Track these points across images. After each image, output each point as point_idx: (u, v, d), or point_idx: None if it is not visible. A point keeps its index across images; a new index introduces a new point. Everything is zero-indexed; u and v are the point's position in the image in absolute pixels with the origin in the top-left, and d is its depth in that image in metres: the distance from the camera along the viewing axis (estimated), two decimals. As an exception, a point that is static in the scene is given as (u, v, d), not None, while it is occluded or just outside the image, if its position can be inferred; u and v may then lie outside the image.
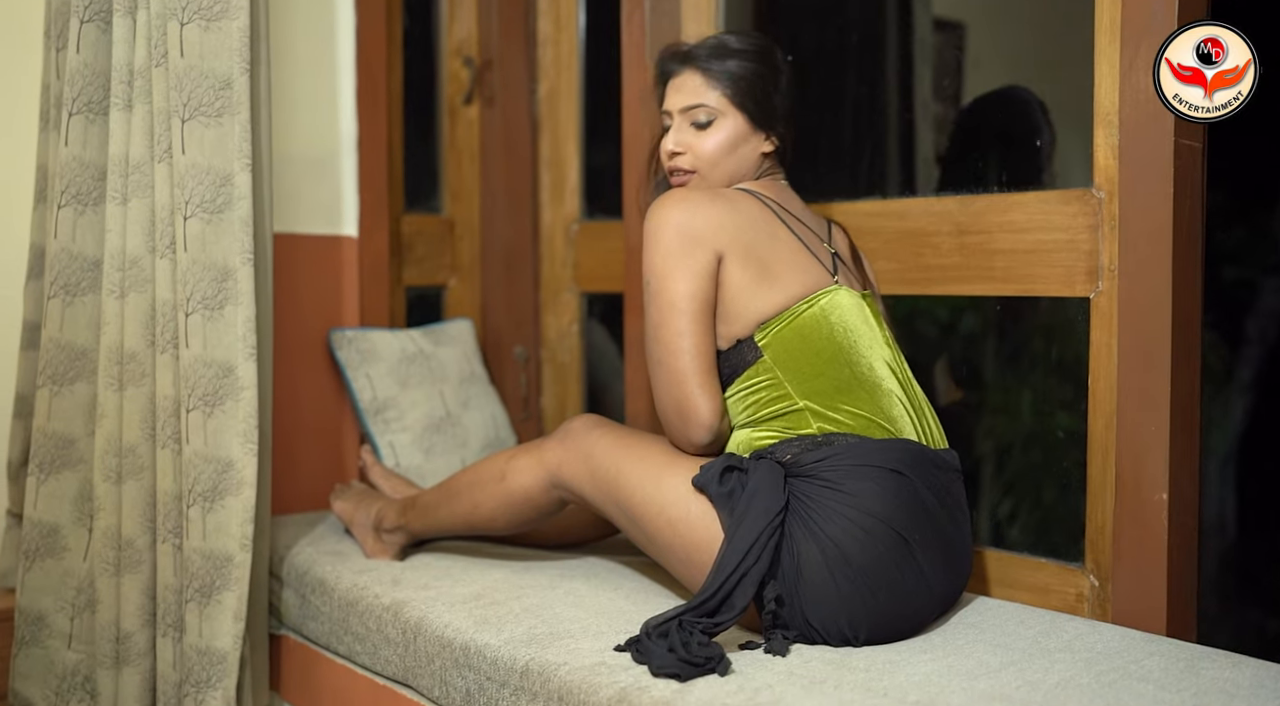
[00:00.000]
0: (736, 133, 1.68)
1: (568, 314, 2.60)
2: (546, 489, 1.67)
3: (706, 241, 1.56)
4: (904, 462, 1.47)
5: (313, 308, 2.32)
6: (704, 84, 1.68)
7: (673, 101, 1.72)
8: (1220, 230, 1.96)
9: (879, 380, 1.55)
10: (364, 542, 1.95)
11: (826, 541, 1.42)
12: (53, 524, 1.90)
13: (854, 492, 1.44)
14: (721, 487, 1.47)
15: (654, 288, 1.58)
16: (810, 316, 1.56)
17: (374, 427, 2.29)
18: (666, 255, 1.57)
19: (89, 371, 1.90)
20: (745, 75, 1.68)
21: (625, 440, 1.62)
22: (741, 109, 1.68)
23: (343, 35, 2.33)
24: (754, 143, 1.70)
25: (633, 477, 1.56)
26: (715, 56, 1.69)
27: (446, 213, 2.63)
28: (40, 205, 2.02)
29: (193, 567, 1.78)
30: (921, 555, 1.45)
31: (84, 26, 1.85)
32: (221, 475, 1.78)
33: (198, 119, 1.78)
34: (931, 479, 1.49)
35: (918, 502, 1.46)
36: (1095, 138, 1.61)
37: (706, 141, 1.68)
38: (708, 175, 1.69)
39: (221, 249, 1.80)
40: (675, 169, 1.72)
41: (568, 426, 1.67)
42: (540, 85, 2.62)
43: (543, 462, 1.66)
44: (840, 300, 1.58)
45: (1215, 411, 2.16)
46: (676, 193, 1.62)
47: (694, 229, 1.56)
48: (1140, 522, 1.55)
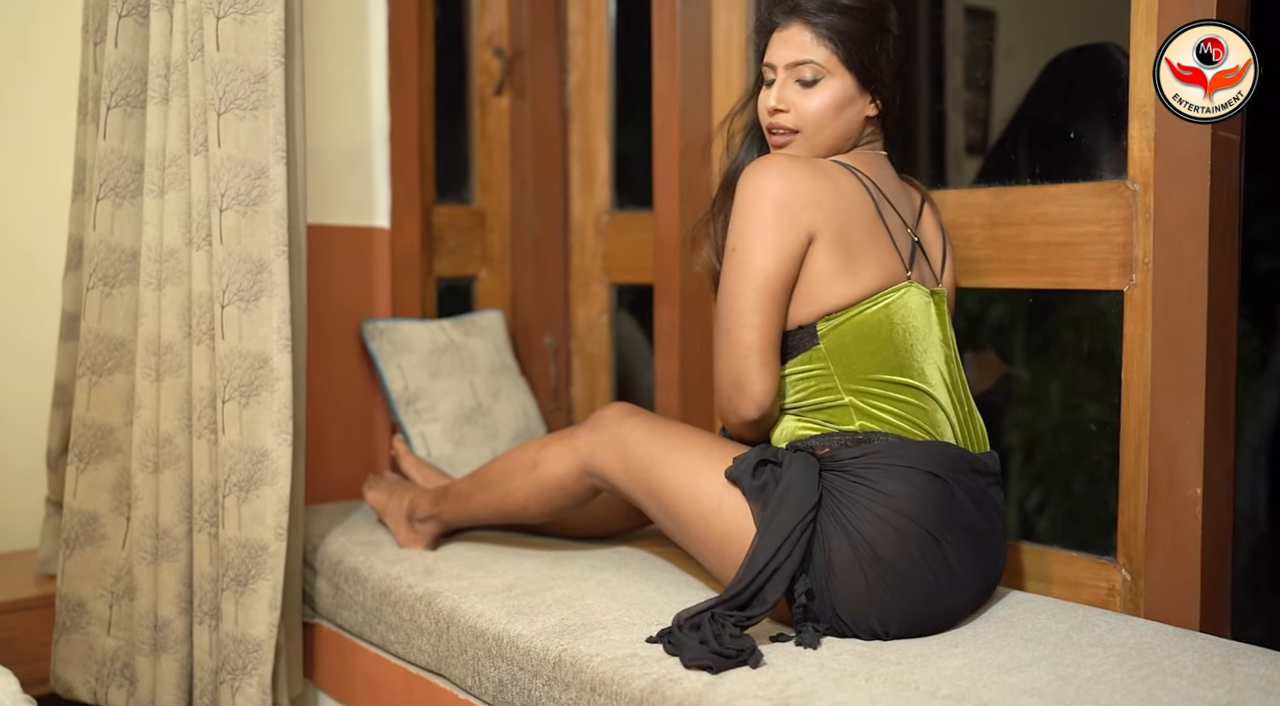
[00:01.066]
0: (844, 94, 1.60)
1: (597, 305, 2.61)
2: (579, 476, 1.67)
3: (801, 221, 1.52)
4: (942, 465, 1.47)
5: (345, 299, 2.34)
6: (813, 39, 1.59)
7: (778, 55, 1.62)
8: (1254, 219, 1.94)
9: (929, 386, 1.54)
10: (397, 532, 1.96)
11: (858, 538, 1.43)
12: (92, 512, 1.93)
13: (888, 492, 1.44)
14: (754, 481, 1.48)
15: (739, 255, 1.54)
16: (873, 315, 1.54)
17: (405, 418, 2.30)
18: (759, 227, 1.52)
19: (127, 362, 1.92)
20: (855, 34, 1.59)
21: (659, 429, 1.62)
22: (850, 68, 1.59)
23: (374, 27, 2.35)
24: (859, 105, 1.62)
25: (667, 468, 1.56)
26: (825, 10, 1.59)
27: (477, 204, 2.64)
28: (78, 197, 2.04)
29: (228, 556, 1.80)
30: (954, 555, 1.45)
31: (122, 21, 1.87)
32: (256, 465, 1.80)
33: (233, 112, 1.79)
34: (968, 482, 1.49)
35: (952, 504, 1.46)
36: (1130, 129, 1.60)
37: (812, 100, 1.60)
38: (811, 137, 1.61)
39: (257, 241, 1.81)
40: (776, 127, 1.63)
41: (600, 414, 1.68)
42: (570, 76, 2.62)
43: (575, 450, 1.66)
44: (908, 301, 1.56)
45: (1248, 402, 2.14)
46: (779, 160, 1.56)
47: (792, 204, 1.52)
48: (1174, 517, 1.54)
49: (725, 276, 1.56)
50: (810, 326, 1.56)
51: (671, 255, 2.24)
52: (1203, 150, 1.50)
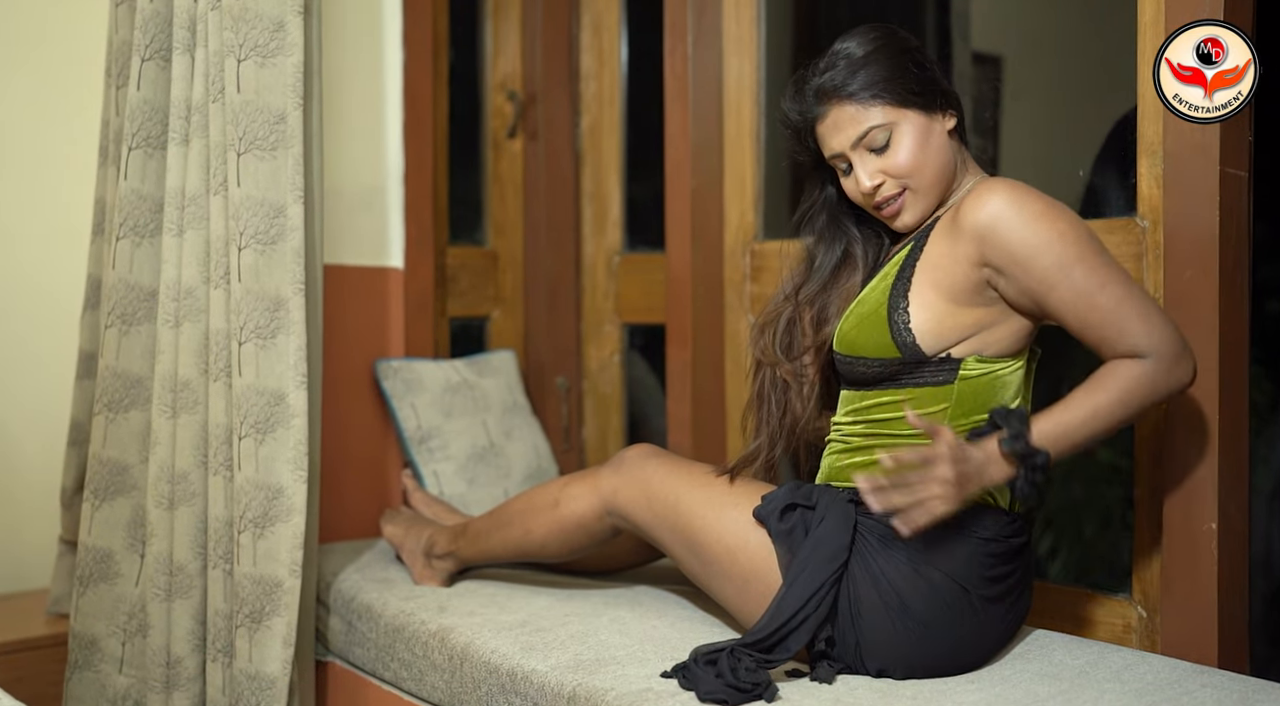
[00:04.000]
0: (919, 129, 1.51)
1: (609, 345, 2.62)
2: (600, 516, 1.67)
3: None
4: (987, 530, 1.44)
5: (359, 338, 2.36)
6: (858, 108, 1.51)
7: (838, 142, 1.54)
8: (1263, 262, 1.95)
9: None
10: (413, 568, 1.96)
11: (887, 588, 1.42)
12: (106, 549, 1.93)
13: (925, 543, 1.41)
14: (782, 524, 1.48)
15: (1077, 234, 1.41)
16: (1013, 376, 1.48)
17: (418, 457, 2.31)
18: (1062, 211, 1.42)
19: (144, 399, 1.94)
20: (888, 74, 1.51)
21: (683, 467, 1.62)
22: (908, 105, 1.51)
23: (390, 71, 2.38)
24: (938, 127, 1.52)
25: (692, 504, 1.56)
26: (852, 76, 1.51)
27: (490, 245, 2.66)
28: (97, 238, 2.07)
29: (243, 593, 1.80)
30: (983, 606, 1.44)
31: (145, 64, 1.91)
32: (272, 501, 1.81)
33: (252, 152, 1.82)
34: (1007, 538, 1.46)
35: (987, 561, 1.44)
36: (1139, 167, 1.62)
37: (898, 156, 1.51)
38: (919, 185, 1.52)
39: (274, 279, 1.83)
40: (884, 200, 1.53)
41: (623, 455, 1.68)
42: (583, 119, 2.66)
43: (598, 489, 1.67)
44: (1033, 366, 1.53)
45: (1261, 447, 2.13)
46: (1010, 181, 1.46)
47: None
48: (1189, 552, 1.54)
49: (1091, 273, 1.39)
50: (955, 363, 1.47)
51: (684, 295, 2.26)
52: (1211, 187, 1.52)
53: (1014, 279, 1.42)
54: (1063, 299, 1.41)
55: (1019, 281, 1.42)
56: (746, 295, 2.25)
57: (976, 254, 1.44)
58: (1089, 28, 1.91)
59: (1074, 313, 1.41)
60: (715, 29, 2.25)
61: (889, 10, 2.21)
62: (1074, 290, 1.40)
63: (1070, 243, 1.40)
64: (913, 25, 2.19)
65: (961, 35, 2.14)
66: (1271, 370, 2.18)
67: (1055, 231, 1.40)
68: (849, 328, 1.54)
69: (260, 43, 1.82)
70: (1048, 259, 1.40)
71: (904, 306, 1.49)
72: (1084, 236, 1.42)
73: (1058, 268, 1.40)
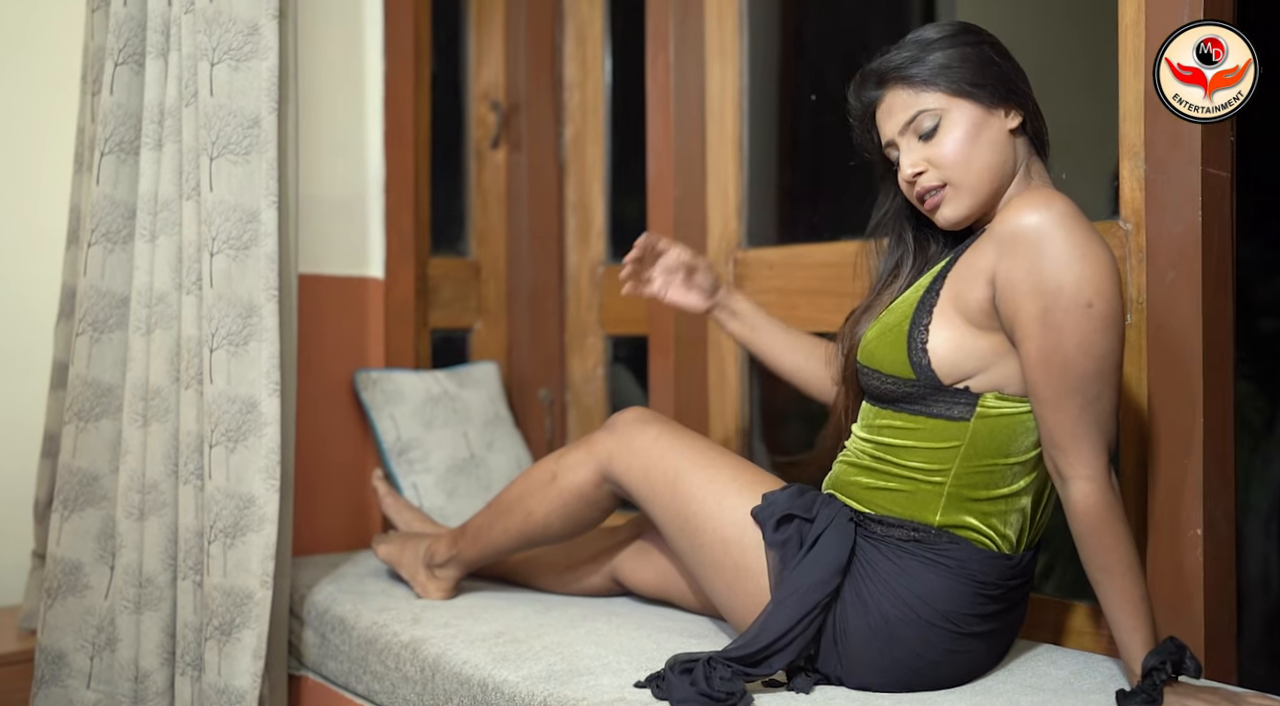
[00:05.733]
0: (971, 120, 1.39)
1: (593, 357, 2.60)
2: (598, 482, 1.63)
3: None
4: (986, 575, 1.38)
5: (338, 349, 2.33)
6: (913, 92, 1.42)
7: (889, 126, 1.45)
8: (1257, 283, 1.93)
9: (1022, 494, 1.40)
10: (415, 582, 1.89)
11: (877, 617, 1.37)
12: (75, 561, 1.90)
13: (920, 579, 1.37)
14: (777, 535, 1.43)
15: (1101, 311, 1.27)
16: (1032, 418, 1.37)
17: (397, 468, 2.28)
18: (1110, 271, 1.28)
19: (114, 408, 1.90)
20: (953, 61, 1.41)
21: (684, 441, 1.57)
22: (963, 95, 1.40)
23: (371, 79, 2.37)
24: (995, 123, 1.41)
25: (693, 485, 1.52)
26: (914, 59, 1.42)
27: (473, 256, 2.64)
28: (72, 246, 2.05)
29: (213, 605, 1.76)
30: (975, 637, 1.40)
31: (118, 69, 1.89)
32: (243, 511, 1.78)
33: (226, 157, 1.80)
34: (1006, 582, 1.41)
35: (983, 601, 1.39)
36: (1121, 170, 1.60)
37: (943, 145, 1.40)
38: (961, 181, 1.40)
39: (247, 285, 1.81)
40: (922, 191, 1.43)
41: (618, 418, 1.64)
42: (566, 129, 2.64)
43: (593, 454, 1.62)
44: None
45: (1257, 465, 2.11)
46: (1059, 199, 1.31)
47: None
48: (1175, 559, 1.51)
49: (1090, 336, 1.27)
50: (973, 396, 1.36)
51: (665, 305, 2.22)
52: (1194, 188, 1.50)
53: (1001, 302, 1.32)
54: (1029, 357, 1.30)
55: (1004, 306, 1.32)
56: (729, 304, 2.22)
57: (991, 266, 1.33)
58: (1071, 30, 1.90)
59: (1034, 376, 1.30)
60: (698, 37, 2.24)
61: (873, 16, 2.20)
62: (1046, 362, 1.29)
63: (1080, 305, 1.27)
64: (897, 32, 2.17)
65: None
66: (1265, 387, 2.15)
67: (1072, 277, 1.26)
68: (872, 336, 1.46)
69: (234, 46, 1.80)
70: (1042, 304, 1.28)
71: (925, 324, 1.39)
72: (1104, 313, 1.27)
73: (1043, 323, 1.28)
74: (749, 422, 2.26)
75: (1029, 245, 1.29)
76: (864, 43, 2.20)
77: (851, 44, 2.21)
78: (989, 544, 1.38)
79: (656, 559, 1.76)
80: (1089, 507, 1.30)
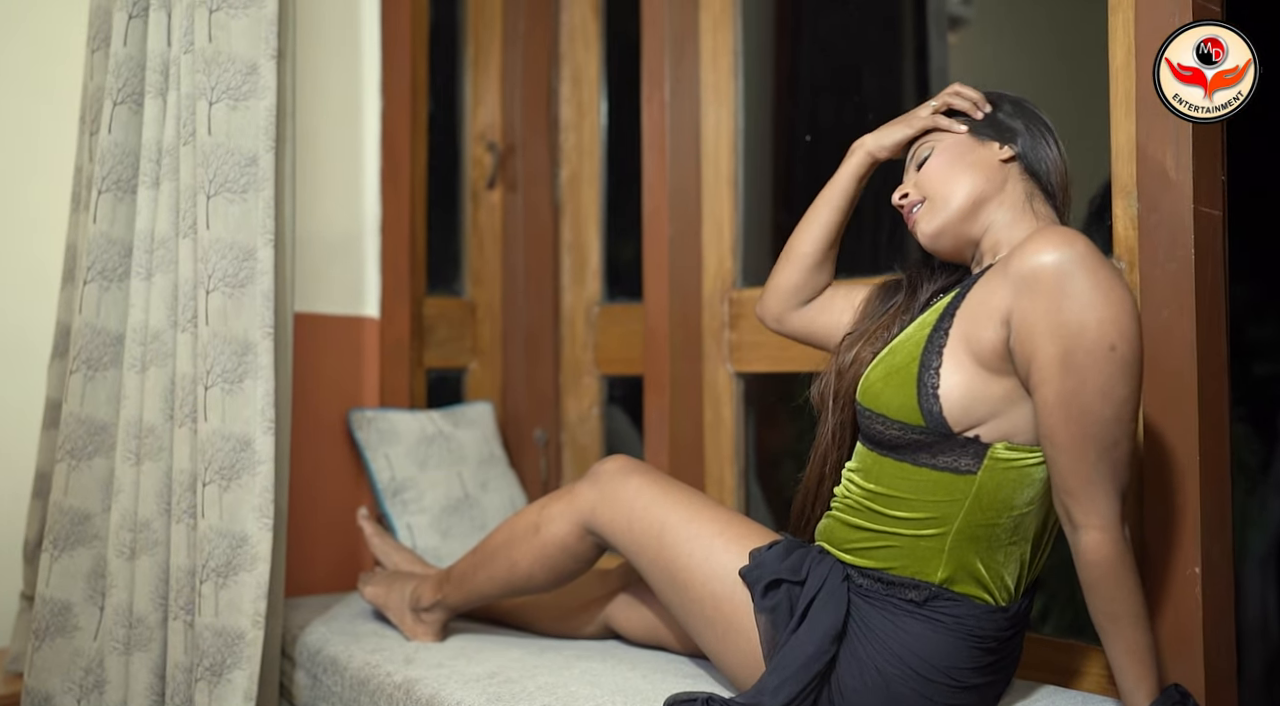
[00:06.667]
0: (959, 145, 1.45)
1: (588, 397, 2.59)
2: (581, 535, 1.60)
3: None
4: (984, 630, 1.36)
5: (333, 388, 2.33)
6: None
7: (907, 168, 1.53)
8: (1250, 325, 1.94)
9: (1022, 541, 1.37)
10: (401, 625, 1.87)
11: (874, 675, 1.35)
12: (64, 601, 1.88)
13: (917, 637, 1.34)
14: (765, 601, 1.40)
15: (1123, 354, 1.23)
16: (1043, 470, 1.32)
17: (392, 508, 2.27)
18: (1133, 314, 1.25)
19: (108, 446, 1.89)
20: (960, 103, 1.50)
21: (668, 492, 1.54)
22: (963, 125, 1.47)
23: (368, 119, 2.38)
24: (985, 152, 1.44)
25: (679, 538, 1.49)
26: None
27: (469, 296, 2.64)
28: (68, 285, 2.04)
29: (204, 645, 1.74)
30: (974, 691, 1.38)
31: (117, 108, 1.90)
32: (236, 550, 1.76)
33: (223, 195, 1.80)
34: (1003, 632, 1.39)
35: (980, 654, 1.37)
36: (1114, 209, 1.61)
37: (929, 167, 1.45)
38: (936, 195, 1.43)
39: (243, 323, 1.81)
40: (905, 209, 1.48)
41: (600, 467, 1.61)
42: (562, 170, 2.66)
43: (575, 506, 1.59)
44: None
45: (1253, 509, 2.10)
46: (1080, 239, 1.27)
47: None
48: (1174, 598, 1.50)
49: (1110, 381, 1.23)
50: (983, 446, 1.31)
51: (661, 342, 2.23)
52: (1186, 226, 1.50)
53: (1018, 343, 1.27)
54: (1046, 401, 1.25)
55: (1020, 348, 1.27)
56: (725, 343, 2.23)
57: (1007, 306, 1.28)
58: (1062, 73, 1.92)
59: (1051, 421, 1.26)
60: (693, 78, 2.26)
61: (867, 60, 2.22)
62: (1065, 406, 1.24)
63: (1103, 348, 1.23)
64: (892, 75, 2.20)
65: (940, 85, 2.15)
66: (1260, 430, 2.16)
67: (1095, 319, 1.22)
68: (876, 377, 1.40)
69: (233, 85, 1.81)
70: (1063, 346, 1.23)
71: (935, 367, 1.32)
72: (1126, 357, 1.24)
73: (1063, 366, 1.23)
74: (745, 462, 2.25)
75: (1049, 284, 1.23)
76: (857, 83, 2.22)
77: (845, 84, 2.23)
78: (988, 598, 1.35)
79: (648, 606, 1.74)
80: (1101, 558, 1.27)
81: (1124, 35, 1.58)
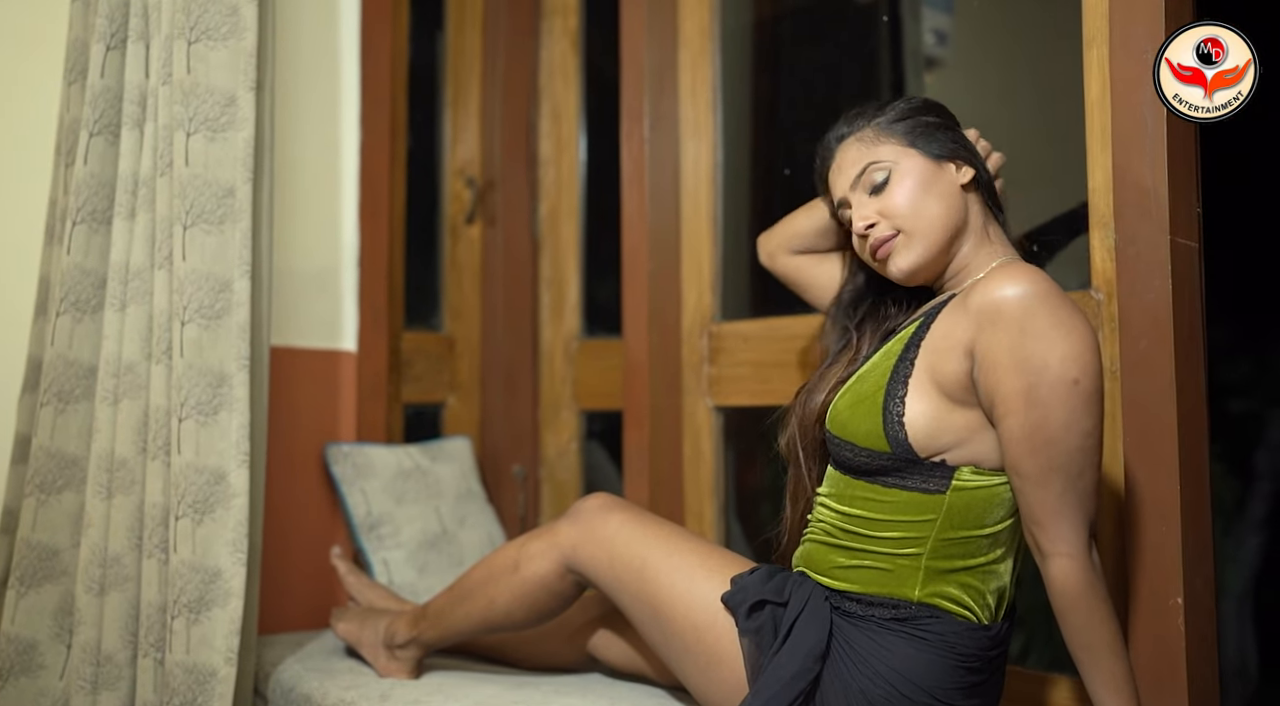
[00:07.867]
0: (921, 171, 1.42)
1: (567, 432, 2.58)
2: (561, 574, 1.59)
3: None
4: (968, 648, 1.36)
5: (309, 421, 2.30)
6: (864, 146, 1.47)
7: (840, 182, 1.49)
8: (1225, 364, 1.95)
9: (999, 561, 1.38)
10: (375, 663, 1.83)
11: (858, 696, 1.34)
12: (30, 640, 1.84)
13: (900, 655, 1.34)
14: (749, 622, 1.40)
15: (1086, 388, 1.26)
16: (1010, 491, 1.34)
17: (368, 544, 2.24)
18: (1094, 348, 1.28)
19: (78, 480, 1.86)
20: (905, 117, 1.47)
21: (649, 528, 1.53)
22: (914, 147, 1.44)
23: (347, 152, 2.38)
24: (947, 176, 1.44)
25: (660, 572, 1.48)
26: (865, 116, 1.49)
27: (447, 330, 2.63)
28: (40, 318, 2.02)
29: (174, 683, 1.71)
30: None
31: (93, 139, 1.89)
32: (209, 585, 1.73)
33: (199, 226, 1.79)
34: (986, 652, 1.39)
35: (963, 674, 1.36)
36: (1092, 240, 1.62)
37: (894, 196, 1.42)
38: (913, 229, 1.42)
39: (218, 354, 1.79)
40: (876, 242, 1.44)
41: (581, 505, 1.60)
42: (541, 205, 2.66)
43: (556, 545, 1.58)
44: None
45: (1229, 546, 2.10)
46: (1038, 272, 1.31)
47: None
48: (1156, 630, 1.49)
49: (1074, 413, 1.26)
50: (950, 469, 1.34)
51: (640, 377, 2.22)
52: (1163, 258, 1.51)
53: (982, 376, 1.30)
54: (1011, 433, 1.28)
55: (984, 381, 1.30)
56: (704, 377, 2.22)
57: (969, 339, 1.31)
58: (1040, 105, 1.94)
59: (1016, 453, 1.29)
60: (672, 114, 2.27)
61: (844, 94, 2.24)
62: (1030, 439, 1.27)
63: (1066, 382, 1.26)
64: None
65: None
66: (1235, 468, 2.16)
67: (1058, 354, 1.25)
68: (843, 406, 1.43)
69: (211, 117, 1.81)
70: (1026, 381, 1.26)
71: (901, 396, 1.36)
72: (1088, 390, 1.27)
73: (1027, 400, 1.26)
74: (724, 498, 2.24)
75: (1011, 320, 1.27)
76: (835, 118, 2.24)
77: (825, 119, 2.24)
78: (969, 615, 1.36)
79: (628, 634, 1.73)
80: (1069, 586, 1.28)
81: (1099, 69, 1.60)
